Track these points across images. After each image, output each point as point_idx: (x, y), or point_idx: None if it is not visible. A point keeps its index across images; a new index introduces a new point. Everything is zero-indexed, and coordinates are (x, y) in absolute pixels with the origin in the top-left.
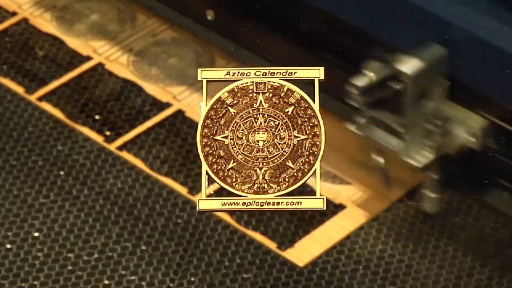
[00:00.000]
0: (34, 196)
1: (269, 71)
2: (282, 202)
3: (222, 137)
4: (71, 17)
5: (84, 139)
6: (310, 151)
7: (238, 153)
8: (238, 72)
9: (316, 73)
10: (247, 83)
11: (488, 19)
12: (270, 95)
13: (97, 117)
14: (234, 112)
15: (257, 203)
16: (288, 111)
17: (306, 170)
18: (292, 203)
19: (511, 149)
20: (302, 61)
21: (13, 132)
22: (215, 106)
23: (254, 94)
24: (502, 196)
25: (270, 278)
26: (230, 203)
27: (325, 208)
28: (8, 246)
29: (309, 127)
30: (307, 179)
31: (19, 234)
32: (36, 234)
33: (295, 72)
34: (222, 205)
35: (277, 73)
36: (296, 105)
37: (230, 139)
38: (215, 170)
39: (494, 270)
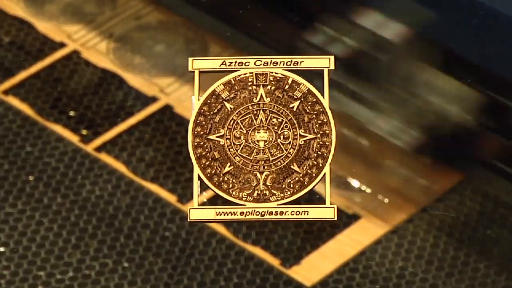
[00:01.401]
0: None
1: (271, 61)
2: (286, 212)
3: (217, 137)
4: None
5: (57, 139)
6: (319, 152)
7: (235, 155)
8: (236, 62)
9: (326, 62)
10: (245, 74)
11: None
12: (273, 88)
13: (72, 113)
14: (230, 108)
15: (258, 213)
16: (293, 107)
17: (314, 174)
18: (298, 213)
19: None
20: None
21: None
22: (208, 101)
23: (254, 87)
24: None
25: None
26: (226, 212)
27: (336, 219)
28: None
29: (317, 125)
30: (315, 185)
31: None
32: (2, 249)
33: (301, 62)
34: (217, 215)
35: (280, 62)
36: (302, 99)
37: (226, 138)
38: (208, 175)
39: None
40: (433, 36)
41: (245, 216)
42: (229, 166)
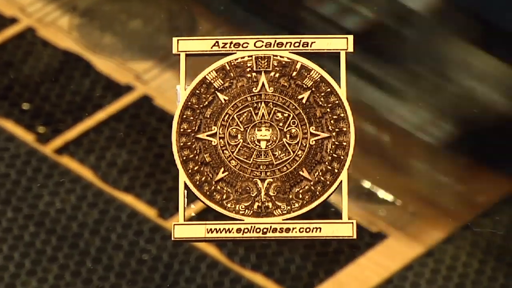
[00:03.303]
0: None
1: (275, 41)
2: (294, 229)
3: (207, 136)
4: None
5: (6, 138)
6: (334, 155)
7: (230, 158)
8: (231, 43)
9: (343, 43)
10: (243, 58)
11: None
12: (277, 75)
13: (25, 106)
14: (225, 100)
15: (258, 230)
16: (303, 98)
17: (328, 182)
18: (308, 230)
19: None
20: None
21: None
22: (198, 91)
23: (254, 74)
24: None
25: None
26: (219, 229)
27: (356, 237)
28: None
29: (332, 121)
30: (330, 195)
31: None
32: None
33: (312, 42)
34: (208, 232)
35: (286, 43)
36: (313, 89)
37: (220, 138)
38: (197, 183)
39: None
40: (469, 4)
41: (242, 233)
42: (223, 172)
